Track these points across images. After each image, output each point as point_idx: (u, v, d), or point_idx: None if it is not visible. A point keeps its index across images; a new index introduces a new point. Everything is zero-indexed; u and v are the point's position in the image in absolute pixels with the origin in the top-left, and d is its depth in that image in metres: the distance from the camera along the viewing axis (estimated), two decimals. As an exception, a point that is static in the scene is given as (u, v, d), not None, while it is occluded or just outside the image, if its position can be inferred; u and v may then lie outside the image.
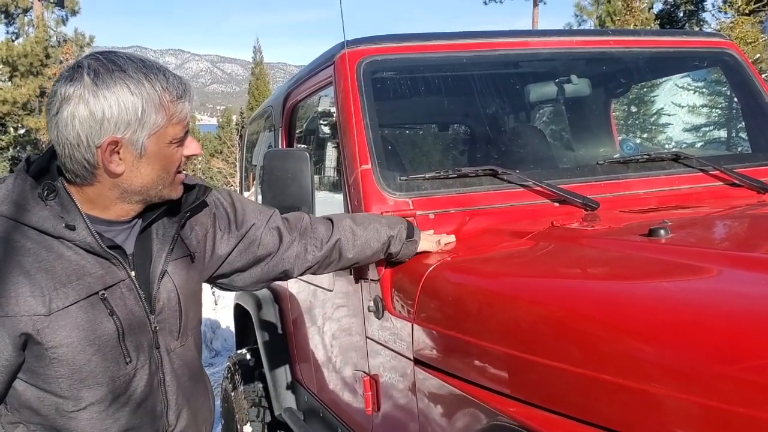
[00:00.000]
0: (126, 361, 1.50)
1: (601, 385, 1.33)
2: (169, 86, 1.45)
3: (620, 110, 3.99)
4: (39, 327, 1.38)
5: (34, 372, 1.43)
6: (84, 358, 1.43)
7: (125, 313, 1.49)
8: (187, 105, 1.49)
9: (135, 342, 1.51)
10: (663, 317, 1.35)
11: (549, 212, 2.38)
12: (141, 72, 1.42)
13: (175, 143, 1.48)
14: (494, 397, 1.61)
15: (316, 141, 3.37)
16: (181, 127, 1.48)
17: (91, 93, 1.37)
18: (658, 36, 3.14)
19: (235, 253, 1.87)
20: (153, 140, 1.44)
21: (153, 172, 1.48)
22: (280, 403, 3.70)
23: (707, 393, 1.15)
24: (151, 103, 1.41)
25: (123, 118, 1.39)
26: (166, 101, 1.44)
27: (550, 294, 1.67)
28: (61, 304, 1.40)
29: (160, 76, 1.43)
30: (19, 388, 1.45)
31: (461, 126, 3.80)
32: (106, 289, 1.46)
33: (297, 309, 3.35)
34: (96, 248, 1.44)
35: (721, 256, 1.65)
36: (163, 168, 1.49)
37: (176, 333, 1.62)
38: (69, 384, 1.44)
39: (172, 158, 1.50)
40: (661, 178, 2.61)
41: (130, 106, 1.39)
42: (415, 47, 2.63)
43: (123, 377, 1.50)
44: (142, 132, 1.42)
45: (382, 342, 2.25)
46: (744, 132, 3.17)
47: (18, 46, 32.83)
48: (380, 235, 2.09)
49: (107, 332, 1.46)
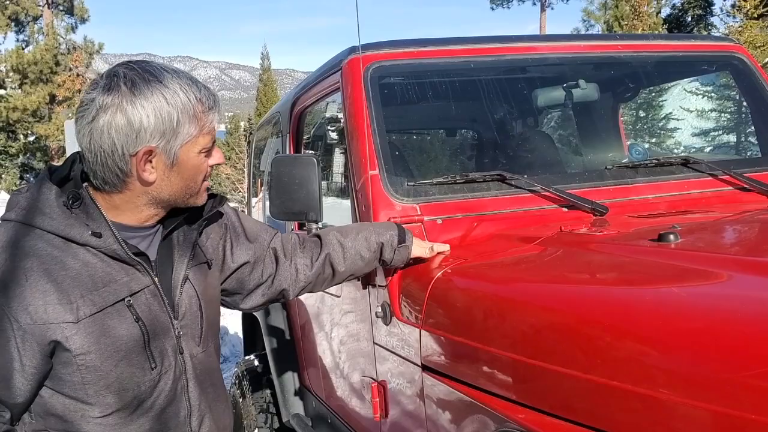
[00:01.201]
0: (151, 366, 1.51)
1: (611, 392, 1.32)
2: (202, 97, 1.47)
3: (629, 115, 3.97)
4: (68, 334, 1.40)
5: (61, 379, 1.45)
6: (111, 364, 1.45)
7: (150, 319, 1.50)
8: (217, 116, 1.52)
9: (160, 347, 1.53)
10: (673, 323, 1.34)
11: (557, 217, 2.37)
12: (176, 82, 1.44)
13: (204, 153, 1.51)
14: (503, 404, 1.60)
15: (324, 147, 3.37)
16: (210, 137, 1.51)
17: (129, 102, 1.39)
18: (666, 40, 3.13)
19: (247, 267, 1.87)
20: (185, 150, 1.47)
21: (182, 182, 1.50)
22: (288, 410, 3.69)
23: (718, 400, 1.14)
24: (186, 114, 1.44)
25: (159, 128, 1.42)
26: (199, 112, 1.46)
27: (558, 299, 1.66)
28: (89, 311, 1.41)
29: (194, 87, 1.46)
30: (45, 395, 1.46)
31: (469, 131, 3.79)
32: (132, 296, 1.48)
33: (305, 315, 3.35)
34: (122, 255, 1.46)
35: (731, 261, 1.64)
36: (192, 177, 1.52)
37: (198, 338, 1.64)
38: (95, 390, 1.45)
39: (200, 167, 1.52)
40: (671, 183, 2.59)
41: (166, 116, 1.42)
42: (423, 53, 2.63)
43: (148, 382, 1.52)
44: (175, 142, 1.45)
45: (390, 348, 2.25)
46: (753, 136, 3.15)
47: (28, 54, 33.08)
48: (370, 243, 2.06)
49: (134, 338, 1.47)
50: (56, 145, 32.33)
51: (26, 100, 32.09)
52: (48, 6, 34.78)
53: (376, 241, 2.07)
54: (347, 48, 2.63)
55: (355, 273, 2.11)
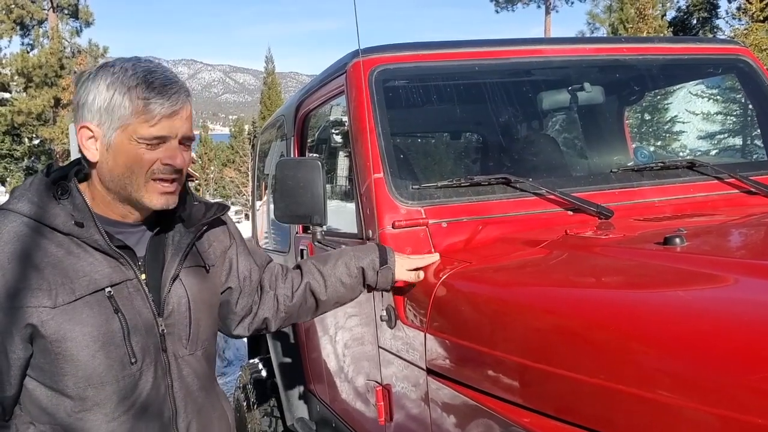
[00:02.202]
0: (131, 361, 1.52)
1: (615, 396, 1.32)
2: (148, 88, 1.48)
3: (634, 118, 3.96)
4: (44, 318, 1.43)
5: (41, 369, 1.48)
6: (88, 353, 1.47)
7: (131, 313, 1.52)
8: (162, 110, 1.48)
9: (141, 343, 1.54)
10: (679, 327, 1.34)
11: (562, 221, 2.36)
12: (128, 72, 1.49)
13: (143, 143, 1.49)
14: (508, 407, 1.60)
15: (328, 150, 3.37)
16: (152, 129, 1.49)
17: (81, 84, 1.52)
18: (671, 43, 3.13)
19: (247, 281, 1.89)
20: (119, 134, 1.49)
21: (117, 168, 1.51)
22: (293, 413, 3.69)
23: (725, 404, 1.13)
24: (121, 97, 1.47)
25: (96, 107, 1.48)
26: (135, 97, 1.47)
27: (564, 303, 1.65)
28: (67, 298, 1.45)
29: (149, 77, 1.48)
30: (30, 386, 1.50)
31: (474, 134, 3.79)
32: (113, 287, 1.50)
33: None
34: (104, 246, 1.50)
35: (737, 264, 1.63)
36: (128, 165, 1.50)
37: (185, 340, 1.63)
38: (74, 382, 1.47)
39: (139, 158, 1.50)
40: (676, 186, 2.59)
41: (102, 96, 1.48)
42: (427, 56, 2.63)
43: (128, 378, 1.52)
44: (111, 124, 1.48)
45: (394, 351, 2.24)
46: (759, 139, 3.14)
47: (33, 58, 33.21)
48: (350, 269, 2.03)
49: (112, 329, 1.49)
50: (61, 149, 32.41)
51: (31, 104, 32.21)
52: (53, 10, 34.92)
53: (356, 266, 2.04)
54: (351, 51, 2.63)
55: (340, 301, 2.08)
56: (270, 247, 4.17)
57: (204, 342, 1.70)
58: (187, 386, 1.64)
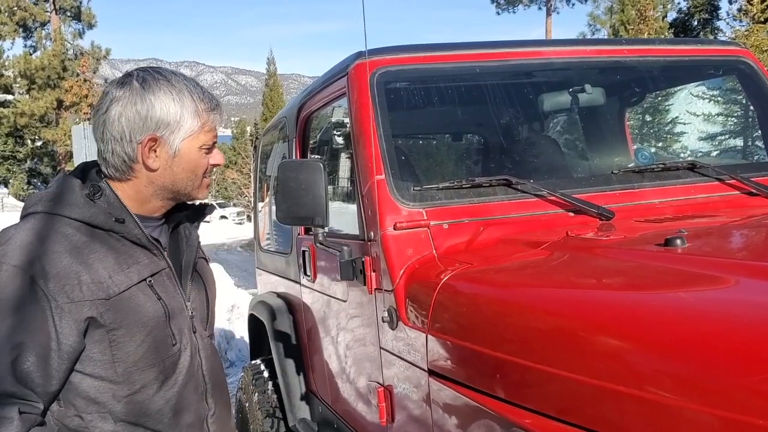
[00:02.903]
0: (172, 342, 1.63)
1: (617, 397, 1.32)
2: (204, 98, 1.64)
3: (635, 119, 3.96)
4: (102, 310, 1.51)
5: (92, 359, 1.55)
6: (139, 339, 1.57)
7: (169, 299, 1.64)
8: (218, 117, 1.68)
9: (178, 325, 1.65)
10: (680, 328, 1.34)
11: (563, 222, 2.36)
12: (182, 83, 1.62)
13: (204, 149, 1.65)
14: (509, 408, 1.60)
15: (330, 151, 3.37)
16: (211, 136, 1.66)
17: (139, 95, 1.57)
18: (672, 45, 3.13)
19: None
20: (186, 143, 1.62)
21: (183, 173, 1.64)
22: (295, 414, 3.69)
23: (726, 405, 1.14)
24: (188, 110, 1.60)
25: (163, 120, 1.58)
26: (201, 110, 1.62)
27: (565, 304, 1.66)
28: (118, 289, 1.54)
29: (198, 89, 1.64)
30: (74, 380, 1.55)
31: (475, 136, 3.79)
32: (152, 276, 1.61)
33: (311, 319, 3.35)
34: (142, 239, 1.60)
35: (738, 265, 1.64)
36: (192, 170, 1.65)
37: (205, 322, 1.78)
38: (124, 368, 1.56)
39: (199, 162, 1.65)
40: (677, 188, 2.59)
41: (170, 110, 1.58)
42: (429, 57, 2.64)
43: (171, 358, 1.64)
44: (178, 134, 1.60)
45: (396, 353, 2.25)
46: (760, 140, 3.14)
47: (35, 60, 33.27)
48: None
49: (157, 314, 1.60)
50: (63, 150, 32.46)
51: (34, 106, 32.26)
52: (55, 12, 34.98)
53: None
54: (353, 53, 2.63)
55: None
56: (272, 248, 4.18)
57: (212, 326, 1.85)
58: (211, 364, 1.76)
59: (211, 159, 1.69)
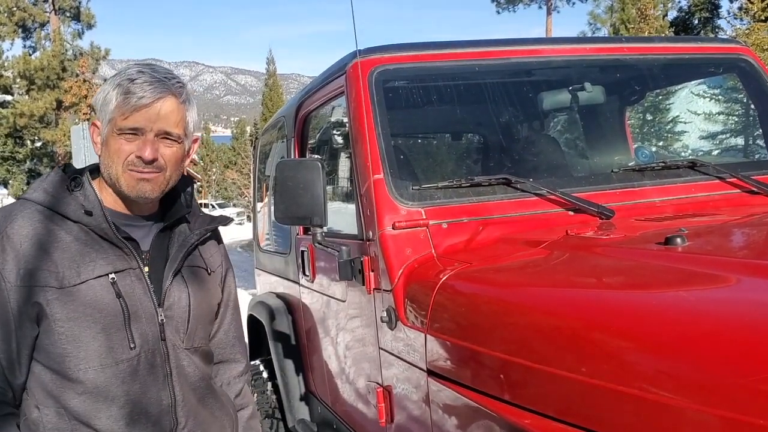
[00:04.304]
0: (130, 346, 1.58)
1: (616, 397, 1.31)
2: (131, 83, 1.58)
3: (635, 118, 3.96)
4: (50, 298, 1.52)
5: (46, 351, 1.55)
6: (90, 335, 1.54)
7: (132, 300, 1.59)
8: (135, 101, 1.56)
9: (140, 330, 1.60)
10: (680, 327, 1.33)
11: (563, 221, 2.36)
12: (125, 72, 1.62)
13: (121, 135, 1.59)
14: (509, 409, 1.59)
15: (329, 151, 3.37)
16: (126, 121, 1.58)
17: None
18: (672, 43, 3.12)
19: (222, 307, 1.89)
20: (109, 128, 1.60)
21: (105, 157, 1.63)
22: (294, 415, 3.69)
23: (726, 404, 1.13)
24: (113, 94, 1.59)
25: (99, 104, 1.63)
26: (119, 93, 1.58)
27: (565, 304, 1.65)
28: (73, 281, 1.53)
29: (136, 75, 1.59)
30: (36, 370, 1.57)
31: (474, 135, 3.79)
32: (116, 273, 1.59)
33: (310, 320, 3.34)
34: (110, 235, 1.58)
35: (739, 264, 1.63)
36: (111, 156, 1.61)
37: (182, 333, 1.69)
38: (75, 363, 1.54)
39: (119, 149, 1.60)
40: (678, 186, 2.58)
41: (104, 95, 1.61)
42: (427, 56, 2.63)
43: (127, 362, 1.58)
44: (105, 117, 1.61)
45: (395, 353, 2.24)
46: (761, 138, 3.13)
47: (35, 60, 33.27)
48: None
49: (113, 313, 1.56)
50: (63, 151, 32.46)
51: (33, 106, 32.25)
52: (55, 12, 34.98)
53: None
54: (351, 52, 2.62)
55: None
56: (271, 249, 4.17)
57: (201, 340, 1.75)
58: (187, 377, 1.68)
59: (131, 147, 1.58)
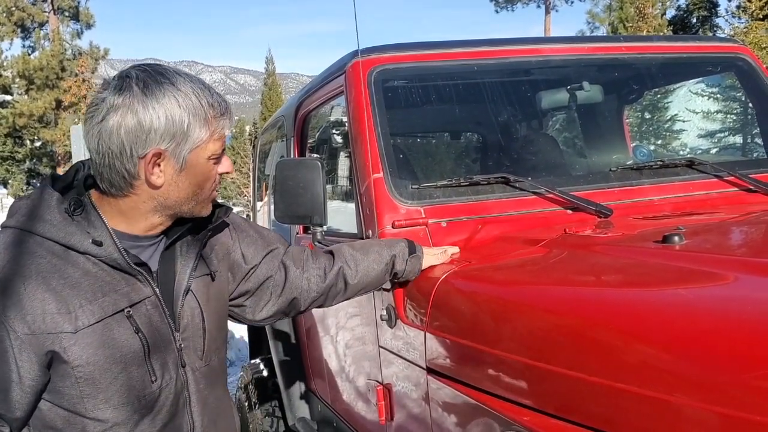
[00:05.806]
0: (152, 380, 1.47)
1: (616, 394, 1.32)
2: (214, 102, 1.45)
3: (633, 117, 3.96)
4: (65, 345, 1.36)
5: (59, 392, 1.41)
6: (110, 376, 1.41)
7: (151, 331, 1.47)
8: (227, 122, 1.49)
9: (160, 360, 1.49)
10: (679, 325, 1.34)
11: (562, 219, 2.36)
12: (188, 85, 1.42)
13: (213, 159, 1.48)
14: (508, 406, 1.60)
15: (329, 150, 3.37)
16: (220, 144, 1.48)
17: (140, 103, 1.37)
18: (670, 42, 3.12)
19: (261, 271, 1.83)
20: (194, 155, 1.44)
21: (190, 187, 1.47)
22: (294, 413, 3.69)
23: (725, 402, 1.13)
24: (197, 118, 1.42)
25: (169, 131, 1.39)
26: (210, 117, 1.44)
27: (563, 302, 1.65)
28: (87, 321, 1.38)
29: (206, 91, 1.44)
30: (44, 408, 1.42)
31: (473, 134, 3.79)
32: (132, 306, 1.44)
33: (310, 318, 3.35)
34: (122, 264, 1.43)
35: (736, 262, 1.63)
36: (199, 184, 1.48)
37: (200, 352, 1.60)
38: (94, 404, 1.42)
39: (209, 174, 1.49)
40: (676, 185, 2.59)
41: (177, 119, 1.39)
42: (427, 56, 2.63)
43: (149, 396, 1.48)
44: (185, 145, 1.42)
45: (395, 351, 2.24)
46: (759, 137, 3.14)
47: (34, 60, 33.22)
48: (382, 257, 2.04)
49: (133, 350, 1.44)
50: (63, 151, 32.43)
51: (32, 106, 32.21)
52: (54, 12, 34.92)
53: (389, 254, 2.05)
54: (351, 51, 2.63)
55: (366, 288, 2.07)
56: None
57: (217, 350, 1.67)
58: (204, 399, 1.61)
59: (220, 168, 1.51)
